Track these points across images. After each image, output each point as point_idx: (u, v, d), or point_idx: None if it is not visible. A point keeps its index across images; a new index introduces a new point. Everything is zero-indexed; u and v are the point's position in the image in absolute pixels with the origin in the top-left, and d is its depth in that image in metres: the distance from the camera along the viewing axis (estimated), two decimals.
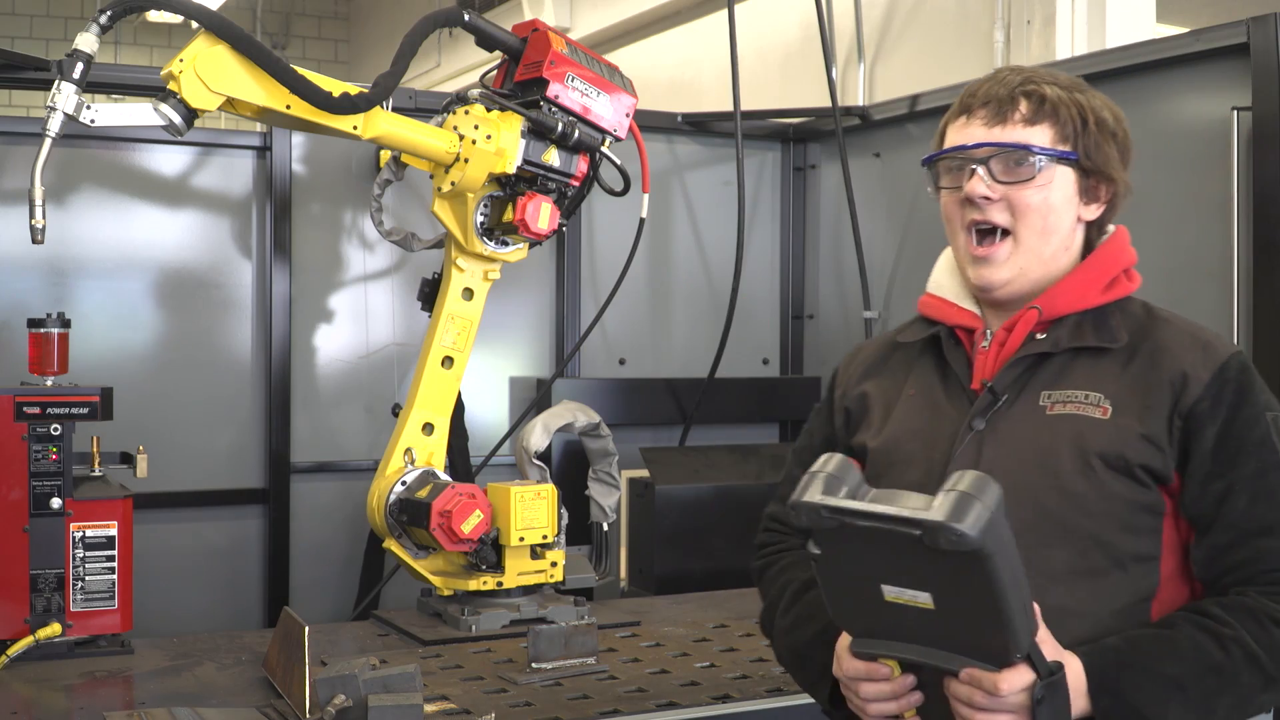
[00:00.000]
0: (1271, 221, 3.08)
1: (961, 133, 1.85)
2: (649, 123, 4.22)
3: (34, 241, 2.74)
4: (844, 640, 1.73)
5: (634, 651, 2.98)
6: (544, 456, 3.65)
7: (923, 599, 1.55)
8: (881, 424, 1.92)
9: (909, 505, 1.51)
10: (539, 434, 3.60)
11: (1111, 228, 1.92)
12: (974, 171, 1.81)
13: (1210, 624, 1.67)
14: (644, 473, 3.91)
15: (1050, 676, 1.58)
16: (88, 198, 3.74)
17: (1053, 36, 5.65)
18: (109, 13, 2.77)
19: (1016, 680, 1.57)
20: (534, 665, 2.75)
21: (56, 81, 2.74)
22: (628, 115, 3.32)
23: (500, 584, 3.21)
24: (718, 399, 4.33)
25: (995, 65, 5.80)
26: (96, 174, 3.75)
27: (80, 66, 2.74)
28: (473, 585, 3.20)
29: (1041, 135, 1.81)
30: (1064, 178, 1.82)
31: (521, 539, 3.20)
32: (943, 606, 1.55)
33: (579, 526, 3.75)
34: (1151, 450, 1.72)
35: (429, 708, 2.46)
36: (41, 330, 3.02)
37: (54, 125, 2.72)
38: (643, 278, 4.43)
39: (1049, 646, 1.61)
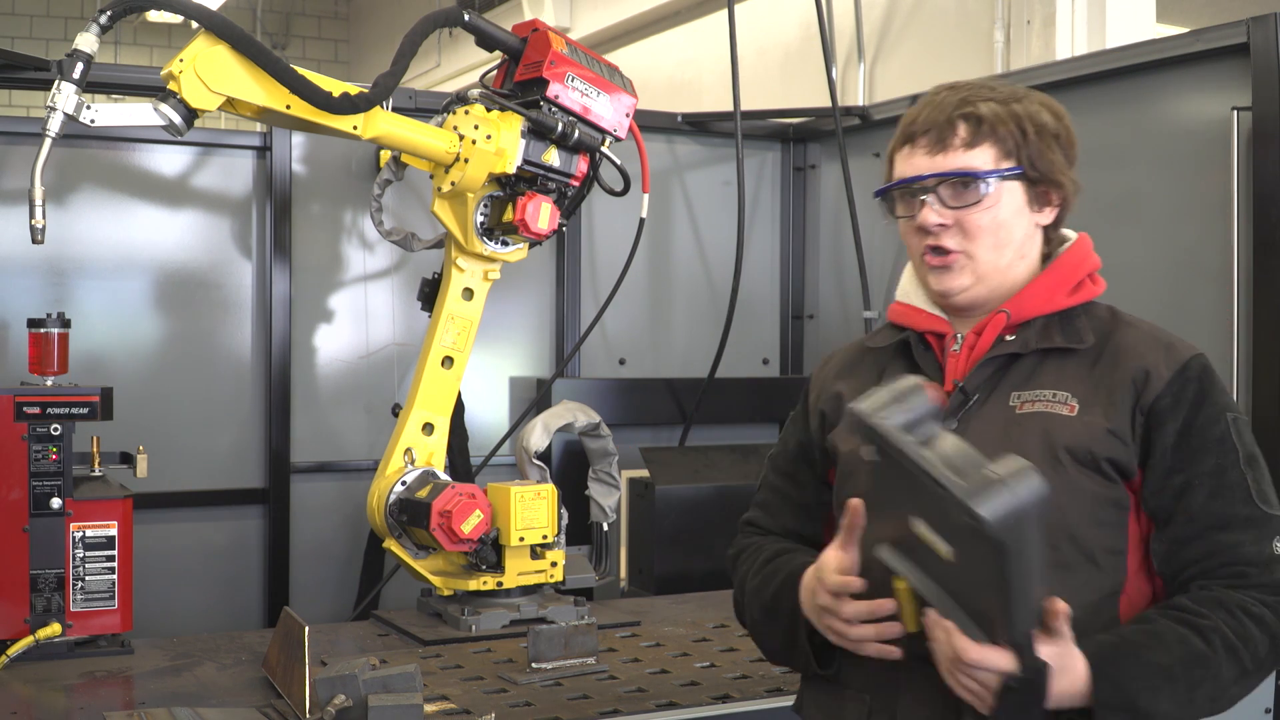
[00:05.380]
0: (1271, 221, 3.08)
1: (907, 163, 1.89)
2: (649, 123, 4.22)
3: (34, 241, 2.74)
4: (826, 555, 1.76)
5: (634, 651, 2.98)
6: (544, 456, 3.65)
7: (944, 548, 1.55)
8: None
9: (954, 463, 1.49)
10: (539, 434, 3.60)
11: (1073, 235, 1.96)
12: (924, 202, 1.86)
13: (1189, 617, 1.71)
14: (644, 473, 3.91)
15: (1030, 673, 1.57)
16: (88, 198, 3.75)
17: (1053, 36, 5.66)
18: (109, 13, 2.77)
19: (988, 657, 1.57)
20: (534, 665, 2.75)
21: (56, 81, 2.73)
22: (628, 115, 3.32)
23: (500, 584, 3.21)
24: (718, 399, 4.33)
25: (995, 65, 5.82)
26: (96, 174, 3.75)
27: (80, 66, 2.73)
28: (473, 585, 3.20)
29: (983, 156, 1.84)
30: (1011, 192, 1.86)
31: (521, 539, 3.20)
32: (959, 563, 1.54)
33: (579, 526, 3.75)
34: (1117, 444, 1.77)
35: (429, 708, 2.46)
36: (41, 330, 3.02)
37: (54, 125, 2.72)
38: (643, 278, 4.43)
39: (1053, 645, 1.60)
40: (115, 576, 2.95)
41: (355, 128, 3.00)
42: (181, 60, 2.79)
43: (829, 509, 1.99)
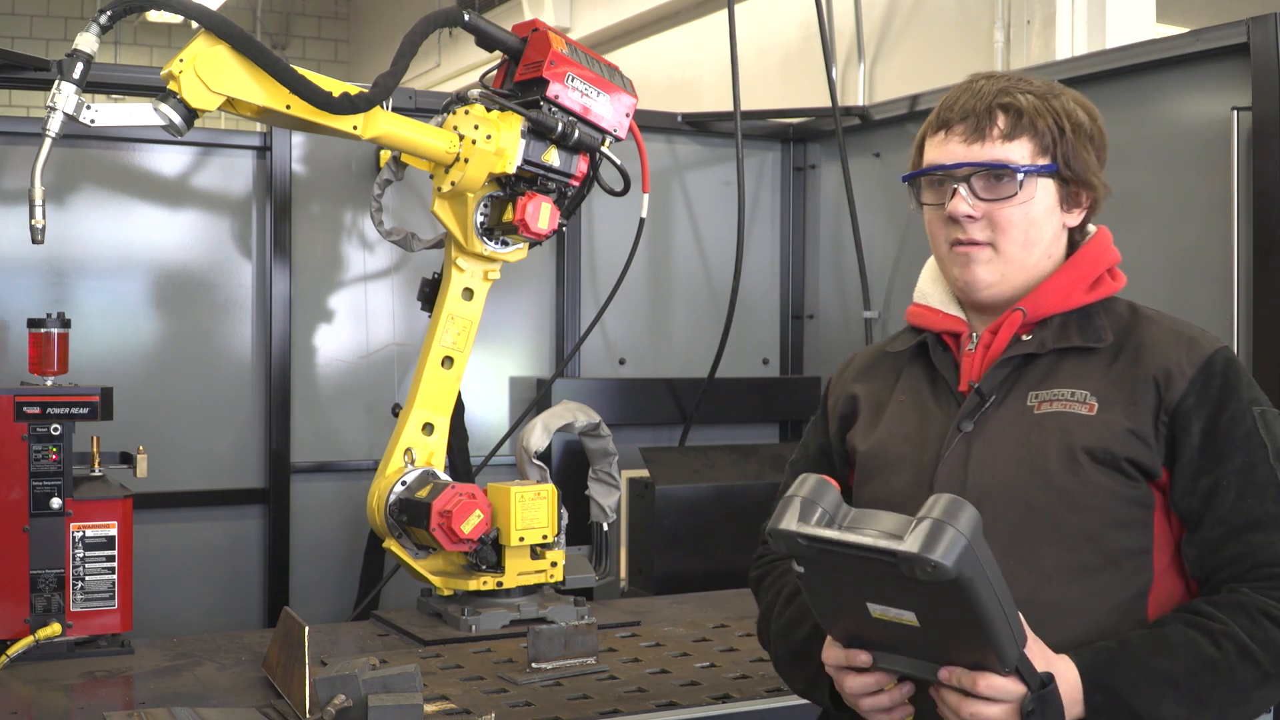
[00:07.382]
0: (1271, 221, 3.08)
1: (940, 149, 1.84)
2: (649, 123, 4.22)
3: (34, 241, 2.74)
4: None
5: (634, 651, 2.98)
6: (544, 456, 3.65)
7: (907, 617, 1.54)
8: (870, 428, 1.94)
9: (885, 530, 1.50)
10: (539, 434, 3.60)
11: (1093, 228, 1.92)
12: (955, 190, 1.82)
13: (1202, 621, 1.67)
14: (644, 473, 3.91)
15: (1041, 689, 1.57)
16: (88, 198, 3.74)
17: (1053, 36, 5.66)
18: (109, 13, 2.77)
19: (997, 685, 1.56)
20: (534, 665, 2.75)
21: (56, 81, 2.73)
22: (628, 115, 3.32)
23: (500, 584, 3.21)
24: (718, 399, 4.33)
25: (995, 65, 5.81)
26: (96, 174, 3.75)
27: (80, 66, 2.73)
28: (473, 585, 3.20)
29: (1020, 150, 1.81)
30: (1045, 190, 1.82)
31: (521, 539, 3.20)
32: (927, 625, 1.54)
33: (579, 526, 3.75)
34: (1138, 444, 1.73)
35: (429, 708, 2.46)
36: (41, 330, 3.02)
37: (54, 125, 2.72)
38: (643, 278, 4.43)
39: (1038, 655, 1.60)
40: (115, 576, 2.95)
41: (355, 128, 3.00)
42: (181, 60, 2.79)
43: None
